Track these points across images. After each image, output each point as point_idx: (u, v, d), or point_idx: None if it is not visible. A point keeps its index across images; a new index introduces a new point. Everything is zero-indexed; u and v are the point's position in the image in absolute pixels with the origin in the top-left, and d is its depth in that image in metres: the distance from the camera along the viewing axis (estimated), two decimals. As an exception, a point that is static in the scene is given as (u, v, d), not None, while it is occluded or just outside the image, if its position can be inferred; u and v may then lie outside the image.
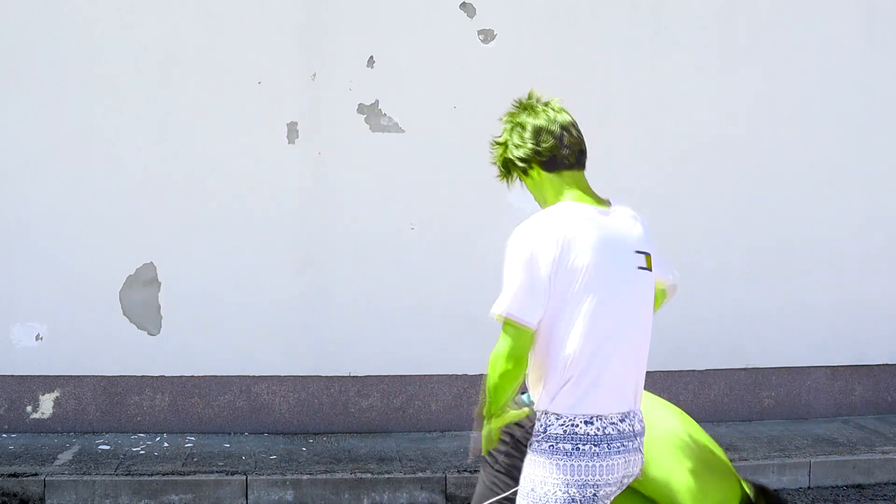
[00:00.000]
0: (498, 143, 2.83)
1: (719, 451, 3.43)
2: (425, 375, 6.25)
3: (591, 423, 2.65)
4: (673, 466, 3.14)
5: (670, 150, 6.39)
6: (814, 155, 6.56)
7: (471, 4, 6.15)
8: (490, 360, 2.66)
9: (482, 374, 6.49)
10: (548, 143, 2.71)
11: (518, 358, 2.62)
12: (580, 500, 2.66)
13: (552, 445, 2.66)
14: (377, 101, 6.13)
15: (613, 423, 2.68)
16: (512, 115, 2.82)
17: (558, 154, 2.71)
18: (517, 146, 2.75)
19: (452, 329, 6.23)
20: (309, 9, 6.06)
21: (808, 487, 5.61)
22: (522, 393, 3.15)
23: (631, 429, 2.72)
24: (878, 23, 6.59)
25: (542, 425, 2.69)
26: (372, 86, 6.11)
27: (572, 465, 2.64)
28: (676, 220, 6.36)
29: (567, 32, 6.28)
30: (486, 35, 6.20)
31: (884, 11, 6.60)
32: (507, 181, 2.86)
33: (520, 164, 2.76)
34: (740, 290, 6.50)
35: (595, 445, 2.65)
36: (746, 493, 3.34)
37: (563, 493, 2.64)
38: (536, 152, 2.72)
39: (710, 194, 6.46)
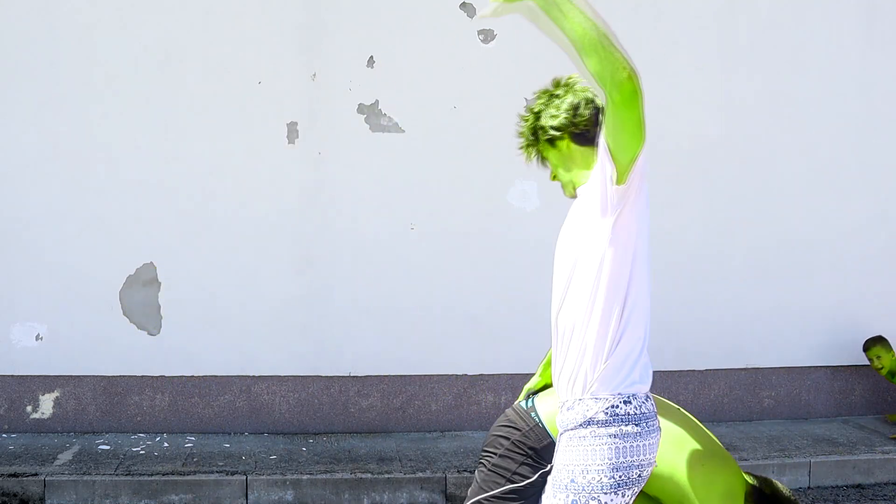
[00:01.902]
0: (530, 111, 2.83)
1: (719, 443, 3.42)
2: (425, 375, 6.25)
3: (629, 403, 2.64)
4: (677, 459, 3.13)
5: (670, 150, 6.39)
6: (814, 155, 6.57)
7: (471, 4, 6.15)
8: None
9: (481, 374, 6.48)
10: (584, 117, 2.74)
11: (636, 89, 2.50)
12: (627, 484, 2.63)
13: (593, 431, 2.62)
14: (377, 101, 6.13)
15: (643, 402, 2.68)
16: (547, 90, 2.84)
17: (591, 130, 2.73)
18: (553, 116, 2.75)
19: (452, 329, 6.23)
20: (309, 9, 6.06)
21: (808, 487, 5.61)
22: (519, 402, 3.17)
23: (654, 407, 2.73)
24: (878, 23, 6.59)
25: (578, 412, 2.65)
26: (372, 86, 6.11)
27: (617, 447, 2.61)
28: (676, 220, 6.36)
29: (567, 32, 6.27)
30: (486, 35, 6.20)
31: (884, 11, 6.60)
32: (529, 154, 2.85)
33: (551, 132, 2.75)
34: (740, 290, 6.51)
35: (636, 425, 2.63)
36: (750, 484, 3.34)
37: (609, 478, 2.61)
38: (572, 123, 2.74)
39: (710, 194, 6.46)
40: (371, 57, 6.11)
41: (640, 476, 2.66)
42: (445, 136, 6.18)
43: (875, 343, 6.41)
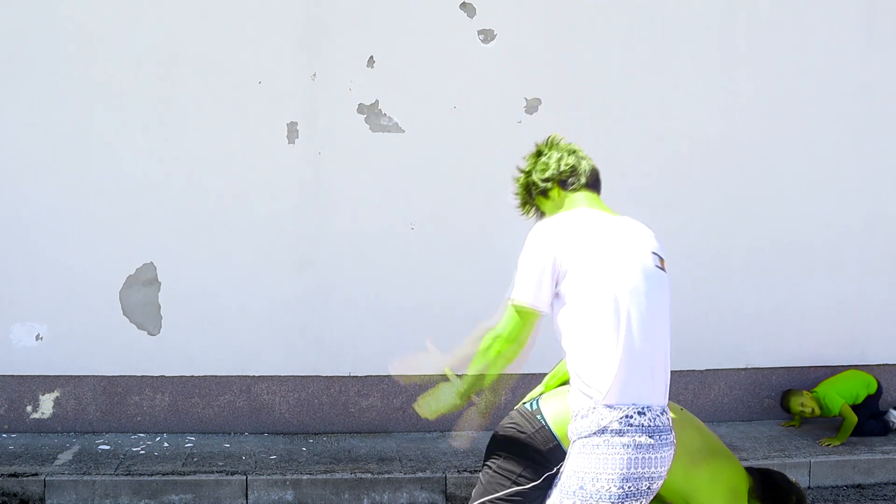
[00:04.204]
0: (521, 171, 3.17)
1: (721, 442, 3.44)
2: (426, 375, 6.23)
3: (644, 414, 2.66)
4: (682, 457, 3.14)
5: (670, 150, 6.39)
6: (814, 155, 6.56)
7: (471, 4, 6.15)
8: (487, 341, 2.86)
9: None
10: (568, 165, 3.05)
11: (520, 340, 2.79)
12: (635, 495, 2.65)
13: (607, 440, 2.64)
14: (377, 101, 6.13)
15: (658, 415, 2.70)
16: (534, 151, 3.17)
17: (576, 174, 3.05)
18: (541, 170, 3.08)
19: (452, 329, 6.21)
20: (309, 9, 6.06)
21: (808, 487, 5.61)
22: (524, 403, 3.16)
23: (670, 422, 2.75)
24: (878, 23, 6.59)
25: (593, 421, 2.67)
26: (372, 86, 6.11)
27: (630, 458, 2.64)
28: (676, 220, 6.36)
29: (567, 32, 6.28)
30: (486, 35, 6.20)
31: (884, 11, 6.60)
32: (527, 210, 3.19)
33: (542, 185, 3.07)
34: (740, 290, 6.51)
35: (650, 437, 2.66)
36: (752, 480, 3.36)
37: (619, 488, 2.63)
38: (558, 171, 3.05)
39: (710, 194, 6.46)
40: (371, 57, 6.11)
41: (648, 489, 2.68)
42: (445, 136, 6.18)
43: (790, 396, 6.21)
